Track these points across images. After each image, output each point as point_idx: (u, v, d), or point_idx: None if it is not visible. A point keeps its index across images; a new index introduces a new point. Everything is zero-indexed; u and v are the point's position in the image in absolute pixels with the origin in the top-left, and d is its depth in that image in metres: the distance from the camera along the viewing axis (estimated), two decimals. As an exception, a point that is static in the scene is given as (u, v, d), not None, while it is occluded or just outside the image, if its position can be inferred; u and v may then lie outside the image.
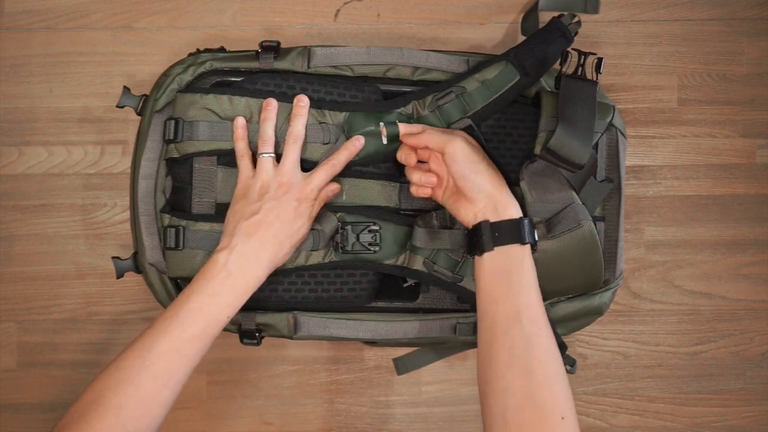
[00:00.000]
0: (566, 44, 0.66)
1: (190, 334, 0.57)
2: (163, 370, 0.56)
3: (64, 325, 0.79)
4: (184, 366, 0.57)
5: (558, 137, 0.62)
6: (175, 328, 0.57)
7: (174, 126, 0.66)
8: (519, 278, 0.59)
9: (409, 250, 0.67)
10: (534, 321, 0.57)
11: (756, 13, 0.81)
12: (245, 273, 0.60)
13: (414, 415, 0.81)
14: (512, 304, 0.58)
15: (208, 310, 0.59)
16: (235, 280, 0.60)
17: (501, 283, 0.59)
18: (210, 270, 0.60)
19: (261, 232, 0.61)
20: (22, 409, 0.79)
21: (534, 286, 0.59)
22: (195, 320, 0.58)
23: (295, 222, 0.62)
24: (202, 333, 0.58)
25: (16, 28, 0.79)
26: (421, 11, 0.80)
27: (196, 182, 0.68)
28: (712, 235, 0.81)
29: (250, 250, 0.60)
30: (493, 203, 0.61)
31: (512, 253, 0.60)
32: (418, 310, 0.72)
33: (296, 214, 0.62)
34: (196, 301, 0.58)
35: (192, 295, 0.59)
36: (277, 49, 0.70)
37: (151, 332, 0.57)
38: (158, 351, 0.56)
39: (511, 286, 0.59)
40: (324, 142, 0.67)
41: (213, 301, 0.59)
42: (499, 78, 0.67)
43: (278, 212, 0.61)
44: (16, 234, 0.79)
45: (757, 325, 0.81)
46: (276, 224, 0.61)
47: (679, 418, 0.82)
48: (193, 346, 0.58)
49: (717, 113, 0.81)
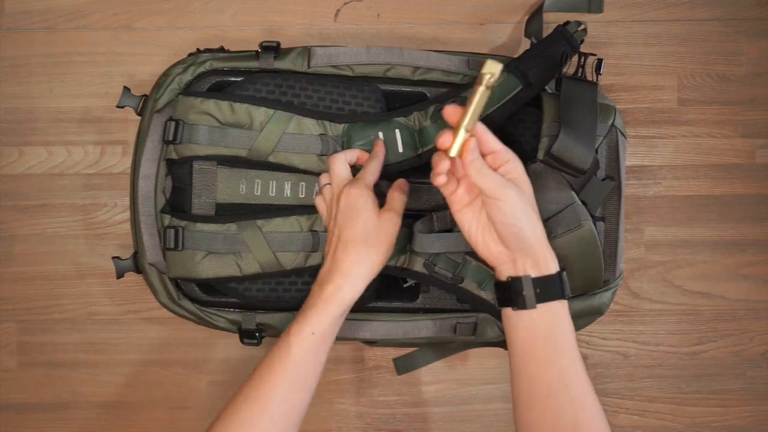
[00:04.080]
0: (571, 53, 0.65)
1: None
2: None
3: (64, 325, 0.79)
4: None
5: (561, 142, 0.61)
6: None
7: (174, 128, 0.66)
8: (563, 339, 0.56)
9: (409, 252, 0.67)
10: (580, 383, 0.55)
11: (756, 13, 0.81)
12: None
13: (414, 415, 0.81)
14: (557, 367, 0.55)
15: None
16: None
17: (544, 344, 0.56)
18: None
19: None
20: (22, 409, 0.80)
21: (575, 345, 0.56)
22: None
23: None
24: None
25: (16, 28, 0.79)
26: (421, 11, 0.80)
27: (196, 183, 0.68)
28: (712, 235, 0.81)
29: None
30: (533, 256, 0.56)
31: (554, 311, 0.56)
32: (418, 310, 0.72)
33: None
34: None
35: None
36: (277, 49, 0.70)
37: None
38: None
39: (555, 346, 0.55)
40: (320, 154, 0.67)
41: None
42: (500, 88, 0.66)
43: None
44: (16, 234, 0.79)
45: (757, 325, 0.81)
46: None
47: (679, 418, 0.82)
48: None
49: (717, 113, 0.81)
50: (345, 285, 0.59)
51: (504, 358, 0.80)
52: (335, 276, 0.59)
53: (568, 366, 0.55)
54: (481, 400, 0.81)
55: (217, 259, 0.66)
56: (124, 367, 0.80)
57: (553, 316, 0.56)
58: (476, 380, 0.81)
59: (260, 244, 0.66)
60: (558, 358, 0.55)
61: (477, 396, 0.81)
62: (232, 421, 0.57)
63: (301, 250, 0.67)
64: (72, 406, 0.80)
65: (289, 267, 0.67)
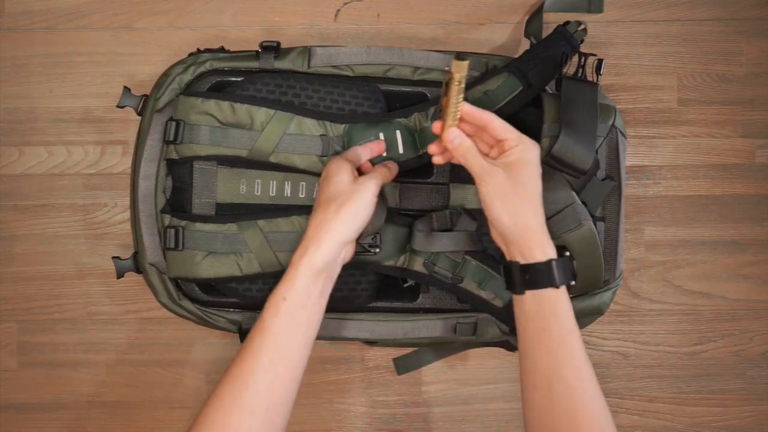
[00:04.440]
0: (571, 53, 0.66)
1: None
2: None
3: (64, 325, 0.79)
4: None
5: (562, 143, 0.61)
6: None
7: (175, 128, 0.66)
8: (558, 327, 0.56)
9: (409, 252, 0.67)
10: (576, 371, 0.55)
11: (756, 13, 0.81)
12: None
13: (414, 415, 0.81)
14: (552, 356, 0.56)
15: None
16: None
17: (540, 331, 0.57)
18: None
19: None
20: (22, 409, 0.80)
21: (573, 331, 0.56)
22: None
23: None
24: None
25: (16, 28, 0.79)
26: (421, 11, 0.80)
27: (197, 183, 0.68)
28: (712, 235, 0.81)
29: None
30: (517, 244, 0.58)
31: (547, 298, 0.57)
32: (419, 310, 0.72)
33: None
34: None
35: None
36: (277, 49, 0.70)
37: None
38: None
39: (551, 334, 0.56)
40: (320, 155, 0.67)
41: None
42: (501, 89, 0.66)
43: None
44: (16, 234, 0.79)
45: (757, 325, 0.81)
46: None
47: (679, 417, 0.82)
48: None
49: (716, 113, 0.81)
50: (311, 246, 0.58)
51: (504, 358, 0.80)
52: (303, 241, 0.59)
53: (565, 356, 0.55)
54: (481, 400, 0.81)
55: (218, 259, 0.66)
56: (124, 367, 0.80)
57: (547, 303, 0.57)
58: (476, 380, 0.81)
59: (261, 244, 0.66)
60: (556, 348, 0.56)
61: (477, 396, 0.81)
62: (215, 402, 0.55)
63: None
64: (72, 406, 0.80)
65: None
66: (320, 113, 0.68)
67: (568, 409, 0.54)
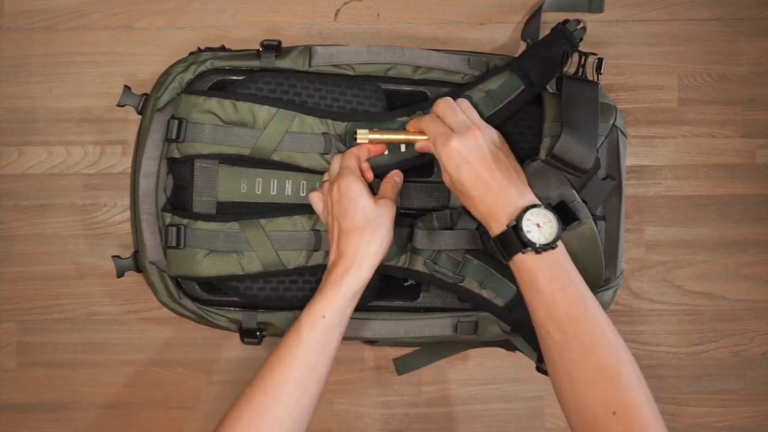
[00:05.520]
0: (570, 51, 0.66)
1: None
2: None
3: (64, 325, 0.79)
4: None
5: (563, 143, 0.61)
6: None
7: (177, 126, 0.66)
8: (536, 288, 0.58)
9: (410, 251, 0.67)
10: (560, 326, 0.57)
11: (756, 13, 0.81)
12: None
13: (414, 415, 0.81)
14: (537, 315, 0.59)
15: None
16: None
17: (526, 292, 0.60)
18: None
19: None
20: (22, 409, 0.79)
21: (554, 290, 0.58)
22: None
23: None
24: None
25: (16, 28, 0.79)
26: (421, 11, 0.80)
27: (198, 181, 0.68)
28: (712, 235, 0.81)
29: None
30: (481, 218, 0.62)
31: (526, 265, 0.59)
32: (419, 309, 0.72)
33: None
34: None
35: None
36: (278, 48, 0.70)
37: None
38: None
39: (533, 295, 0.59)
40: (322, 153, 0.67)
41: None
42: (503, 88, 0.67)
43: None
44: (16, 234, 0.79)
45: (758, 325, 0.81)
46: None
47: (679, 418, 0.81)
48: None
49: (717, 113, 0.81)
50: (351, 269, 0.60)
51: (504, 358, 0.80)
52: (341, 262, 0.61)
53: (546, 314, 0.58)
54: (481, 400, 0.81)
55: (219, 258, 0.66)
56: (124, 367, 0.80)
57: (526, 269, 0.59)
58: (476, 380, 0.81)
59: (263, 243, 0.66)
60: (540, 307, 0.58)
61: (477, 396, 0.81)
62: (245, 410, 0.57)
63: (304, 248, 0.67)
64: (72, 406, 0.79)
65: (291, 266, 0.67)
66: (322, 111, 0.68)
67: (559, 361, 0.57)
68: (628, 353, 0.56)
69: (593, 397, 0.54)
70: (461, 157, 0.61)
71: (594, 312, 0.57)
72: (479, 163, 0.61)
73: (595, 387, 0.55)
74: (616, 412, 0.53)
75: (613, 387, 0.54)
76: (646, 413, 0.53)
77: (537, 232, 0.59)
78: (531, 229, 0.59)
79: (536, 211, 0.59)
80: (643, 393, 0.54)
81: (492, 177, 0.60)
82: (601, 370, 0.55)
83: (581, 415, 0.55)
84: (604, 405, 0.54)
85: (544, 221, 0.59)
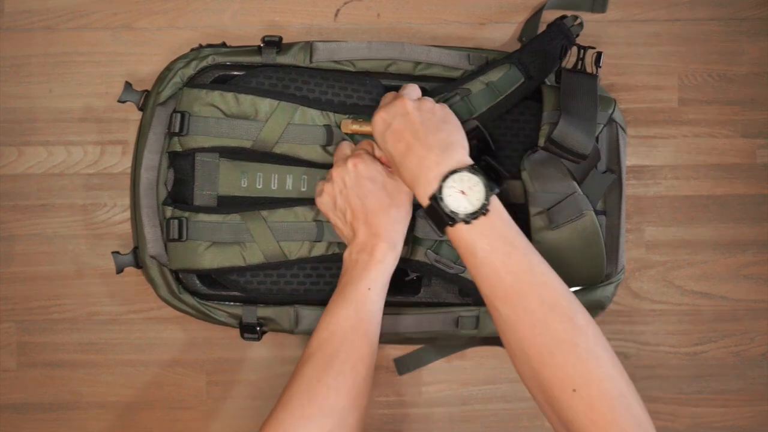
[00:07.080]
0: (568, 46, 0.67)
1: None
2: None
3: (64, 325, 0.79)
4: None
5: (562, 128, 0.62)
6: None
7: (180, 119, 0.67)
8: (477, 262, 0.55)
9: (411, 242, 0.68)
10: (507, 300, 0.53)
11: (756, 13, 0.81)
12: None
13: (414, 415, 0.81)
14: (482, 290, 0.55)
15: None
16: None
17: (468, 267, 0.56)
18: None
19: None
20: (22, 409, 0.79)
21: (495, 261, 0.54)
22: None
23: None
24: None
25: (16, 28, 0.79)
26: (421, 11, 0.80)
27: (198, 175, 0.68)
28: (713, 235, 0.81)
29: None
30: (413, 191, 0.59)
31: (457, 236, 0.56)
32: (420, 303, 0.72)
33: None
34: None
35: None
36: (279, 44, 0.70)
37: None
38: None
39: (475, 270, 0.55)
40: (324, 145, 0.67)
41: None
42: (503, 80, 0.67)
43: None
44: (16, 234, 0.79)
45: (758, 325, 0.81)
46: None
47: (679, 418, 0.81)
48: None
49: (717, 113, 0.81)
50: (388, 247, 0.61)
51: (504, 358, 0.80)
52: (377, 241, 0.61)
53: (489, 292, 0.54)
54: (481, 400, 0.81)
55: (221, 250, 0.66)
56: (124, 367, 0.80)
57: (462, 241, 0.55)
58: (476, 380, 0.81)
59: (264, 234, 0.66)
60: (478, 280, 0.55)
61: (477, 396, 0.81)
62: (302, 381, 0.56)
63: (306, 239, 0.67)
64: (72, 406, 0.80)
65: (293, 257, 0.67)
66: (324, 104, 0.68)
67: (516, 339, 0.53)
68: (586, 317, 0.52)
69: (551, 374, 0.50)
70: (385, 124, 0.60)
71: (543, 278, 0.53)
72: (405, 128, 0.58)
73: (551, 364, 0.50)
74: (576, 389, 0.49)
75: (571, 362, 0.50)
76: (608, 386, 0.49)
77: (463, 200, 0.54)
78: (455, 196, 0.54)
79: (458, 176, 0.55)
80: (606, 362, 0.50)
81: (416, 138, 0.57)
82: (556, 345, 0.51)
83: (544, 393, 0.51)
84: (561, 383, 0.50)
85: (469, 186, 0.54)
